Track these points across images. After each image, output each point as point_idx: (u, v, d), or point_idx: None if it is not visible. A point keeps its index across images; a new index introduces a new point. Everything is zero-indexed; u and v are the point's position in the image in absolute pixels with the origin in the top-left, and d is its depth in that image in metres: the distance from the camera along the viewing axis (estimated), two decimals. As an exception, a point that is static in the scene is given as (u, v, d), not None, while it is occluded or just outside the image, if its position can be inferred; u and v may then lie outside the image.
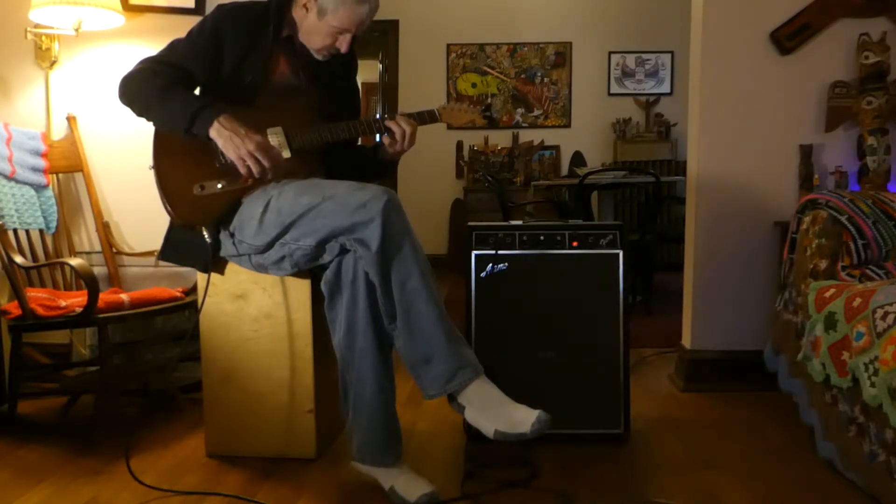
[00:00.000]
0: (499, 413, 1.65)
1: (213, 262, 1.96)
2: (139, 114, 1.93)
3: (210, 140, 1.84)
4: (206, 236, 1.92)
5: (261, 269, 1.93)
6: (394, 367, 1.81)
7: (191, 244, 1.96)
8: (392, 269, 1.69)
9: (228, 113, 1.84)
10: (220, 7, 1.97)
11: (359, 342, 1.75)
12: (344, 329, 1.77)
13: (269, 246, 1.85)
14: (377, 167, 2.12)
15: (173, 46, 1.96)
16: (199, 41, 1.93)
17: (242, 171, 1.84)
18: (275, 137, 1.91)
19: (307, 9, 1.92)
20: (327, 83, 2.07)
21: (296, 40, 1.99)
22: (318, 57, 1.99)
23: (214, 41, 1.93)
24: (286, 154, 1.92)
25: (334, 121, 1.99)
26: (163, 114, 1.88)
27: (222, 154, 1.87)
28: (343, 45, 1.94)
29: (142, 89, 1.89)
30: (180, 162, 1.91)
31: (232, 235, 1.91)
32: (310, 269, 1.90)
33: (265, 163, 1.83)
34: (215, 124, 1.82)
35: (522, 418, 1.61)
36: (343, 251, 1.75)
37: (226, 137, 1.81)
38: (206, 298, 1.99)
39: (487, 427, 1.65)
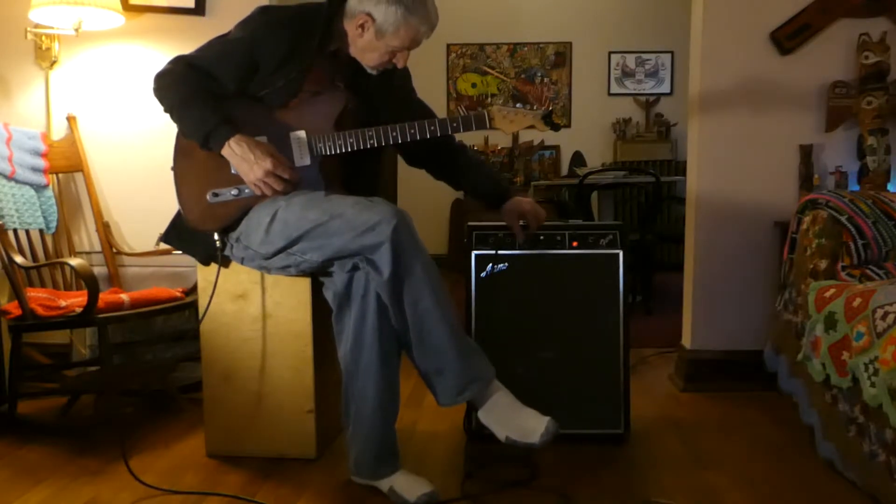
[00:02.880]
0: (511, 419, 1.72)
1: (219, 264, 1.96)
2: (165, 111, 1.89)
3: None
4: (217, 242, 1.92)
5: (264, 270, 1.94)
6: (399, 382, 1.81)
7: (195, 236, 1.96)
8: (404, 292, 1.70)
9: (250, 123, 1.82)
10: (265, 11, 1.89)
11: (364, 357, 1.76)
12: (351, 343, 1.77)
13: (274, 255, 1.85)
14: (488, 198, 2.15)
15: (210, 47, 1.90)
16: (235, 50, 1.86)
17: (256, 192, 1.84)
18: (297, 142, 1.88)
19: (363, 28, 1.83)
20: (366, 96, 1.97)
21: (342, 53, 1.91)
22: (371, 72, 1.92)
23: (250, 55, 1.85)
24: (305, 161, 1.87)
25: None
26: (182, 124, 1.87)
27: None
28: (400, 61, 1.88)
29: (168, 93, 1.86)
30: (198, 167, 1.90)
31: (238, 241, 1.91)
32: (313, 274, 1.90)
33: (277, 187, 1.82)
34: (226, 147, 1.80)
35: (533, 427, 1.69)
36: (354, 267, 1.75)
37: (237, 160, 1.81)
38: (210, 302, 1.99)
39: (499, 431, 1.72)
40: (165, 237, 2.02)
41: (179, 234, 2.00)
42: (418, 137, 1.85)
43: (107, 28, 2.80)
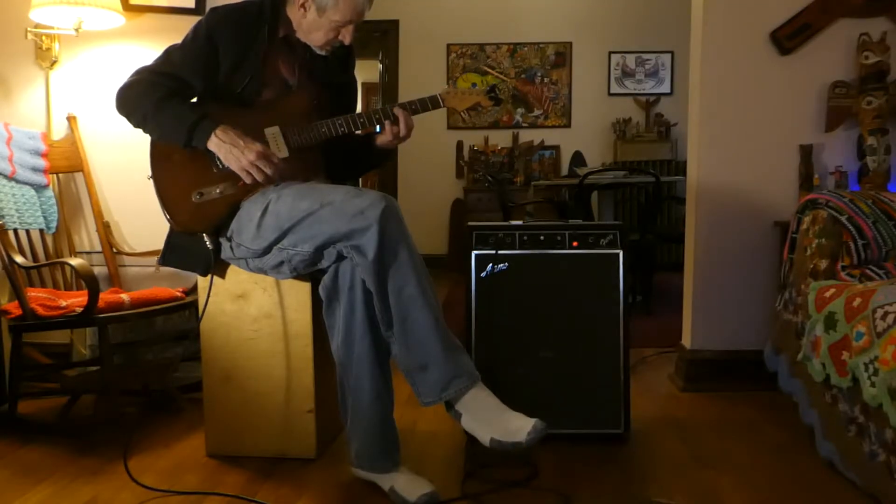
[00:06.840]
0: (495, 421, 1.65)
1: (214, 267, 1.96)
2: (136, 125, 1.93)
3: (209, 152, 1.85)
4: (208, 243, 1.92)
5: (261, 272, 1.94)
6: (392, 373, 1.81)
7: (191, 249, 1.96)
8: (388, 277, 1.69)
9: (225, 123, 1.84)
10: (213, 11, 1.95)
11: (356, 349, 1.76)
12: (342, 336, 1.77)
13: (267, 251, 1.84)
14: (374, 156, 2.10)
15: (168, 54, 1.94)
16: (193, 48, 1.91)
17: (247, 180, 1.85)
18: (272, 137, 1.91)
19: (305, 8, 1.89)
20: (325, 80, 2.06)
21: (292, 39, 1.98)
22: (321, 52, 1.97)
23: (209, 47, 1.90)
24: (284, 153, 1.91)
25: (332, 117, 1.97)
26: (160, 128, 1.89)
27: (220, 159, 1.87)
28: (346, 37, 1.92)
29: (139, 102, 1.89)
30: (178, 170, 1.91)
31: (230, 239, 1.91)
32: (309, 273, 1.90)
33: (267, 171, 1.84)
34: (213, 137, 1.82)
35: (518, 427, 1.61)
36: (340, 258, 1.75)
37: (226, 150, 1.82)
38: (207, 302, 1.99)
39: (483, 435, 1.65)
40: (163, 260, 2.03)
41: (175, 253, 2.01)
42: (383, 121, 1.93)
43: (107, 28, 2.80)
